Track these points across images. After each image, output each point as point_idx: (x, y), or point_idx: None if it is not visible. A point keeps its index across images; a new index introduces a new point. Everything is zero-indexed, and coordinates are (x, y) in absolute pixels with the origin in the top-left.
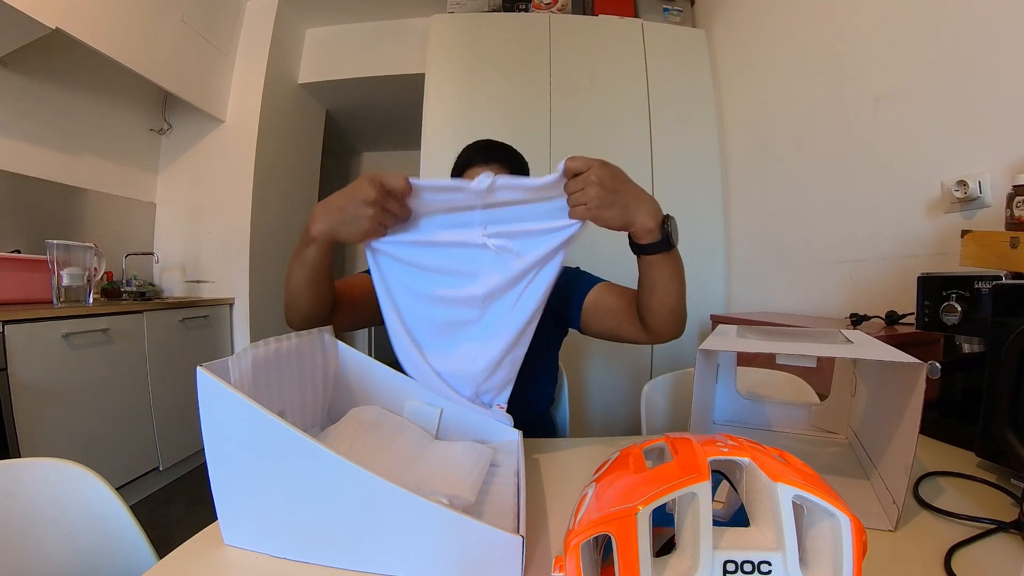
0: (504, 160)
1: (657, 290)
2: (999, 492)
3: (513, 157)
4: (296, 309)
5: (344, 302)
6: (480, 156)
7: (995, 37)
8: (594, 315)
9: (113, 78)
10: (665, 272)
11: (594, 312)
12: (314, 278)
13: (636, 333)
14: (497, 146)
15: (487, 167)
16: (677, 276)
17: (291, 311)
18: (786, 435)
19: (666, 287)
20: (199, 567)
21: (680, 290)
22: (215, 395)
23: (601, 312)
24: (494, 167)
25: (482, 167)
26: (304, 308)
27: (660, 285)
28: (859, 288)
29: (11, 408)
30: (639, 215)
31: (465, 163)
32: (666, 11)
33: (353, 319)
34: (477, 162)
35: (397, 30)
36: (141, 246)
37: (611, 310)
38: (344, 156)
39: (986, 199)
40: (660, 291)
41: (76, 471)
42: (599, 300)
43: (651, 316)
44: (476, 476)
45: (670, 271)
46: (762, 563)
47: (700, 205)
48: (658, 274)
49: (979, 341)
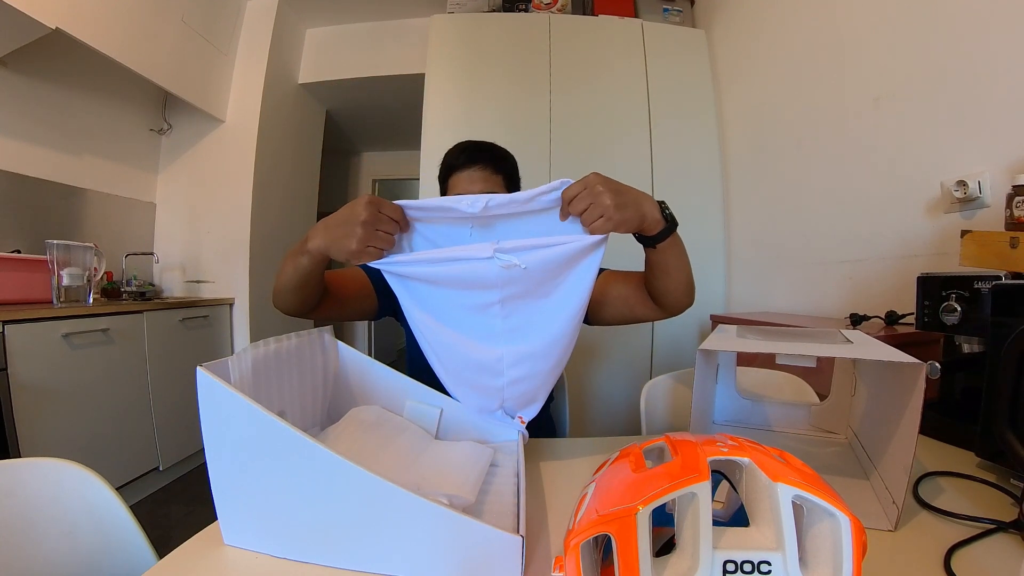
0: (487, 162)
1: (671, 272)
2: (999, 492)
3: (498, 158)
4: (282, 301)
5: (332, 294)
6: (463, 159)
7: (995, 37)
8: (604, 305)
9: (113, 78)
10: (675, 253)
11: (604, 302)
12: (302, 284)
13: (650, 313)
14: (479, 147)
15: (470, 169)
16: (684, 253)
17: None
18: (786, 435)
19: (678, 267)
20: (199, 567)
21: (688, 265)
22: (215, 395)
23: (612, 300)
24: (477, 169)
25: (466, 170)
26: (289, 304)
27: (673, 266)
28: (859, 288)
29: (11, 408)
30: (647, 208)
31: (449, 167)
32: (666, 11)
33: (340, 312)
34: (460, 165)
35: (397, 30)
36: (141, 246)
37: (622, 297)
38: (344, 156)
39: (986, 199)
40: (674, 272)
41: (76, 471)
42: (607, 290)
43: (666, 296)
44: (476, 476)
45: (678, 251)
46: (762, 563)
47: (700, 205)
48: (670, 257)
49: (979, 341)
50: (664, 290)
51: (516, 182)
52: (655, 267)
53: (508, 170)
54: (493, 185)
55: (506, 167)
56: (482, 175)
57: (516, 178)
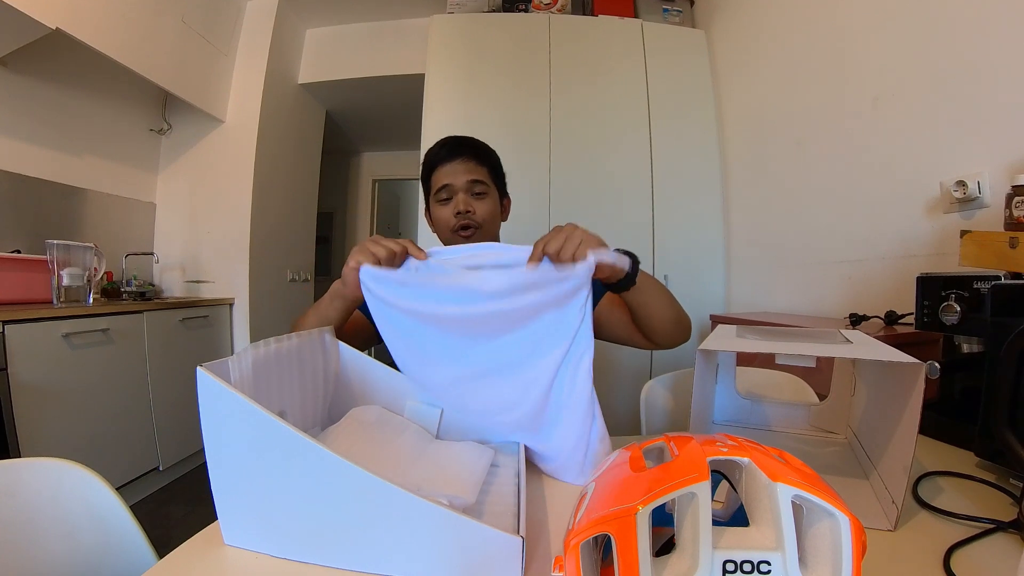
0: (470, 155)
1: (652, 309)
2: (998, 492)
3: (480, 152)
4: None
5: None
6: (445, 152)
7: (995, 37)
8: (605, 324)
9: (113, 78)
10: (647, 292)
11: (605, 322)
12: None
13: (646, 344)
14: (460, 141)
15: (454, 163)
16: (659, 292)
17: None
18: (785, 435)
19: (655, 303)
20: (199, 567)
21: (668, 302)
22: (215, 395)
23: (614, 323)
24: (460, 162)
25: (449, 163)
26: None
27: (652, 303)
28: (858, 288)
29: (11, 408)
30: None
31: (432, 162)
32: (666, 11)
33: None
34: (444, 159)
35: (397, 30)
36: (141, 246)
37: (624, 322)
38: (344, 156)
39: (985, 199)
40: (654, 309)
41: (76, 471)
42: (611, 310)
43: (654, 333)
44: (476, 476)
45: (652, 290)
46: (761, 563)
47: (699, 205)
48: (647, 295)
49: (978, 341)
50: (650, 328)
51: (501, 176)
52: (635, 309)
53: (492, 162)
54: (479, 175)
55: (489, 159)
56: (465, 167)
57: (501, 171)
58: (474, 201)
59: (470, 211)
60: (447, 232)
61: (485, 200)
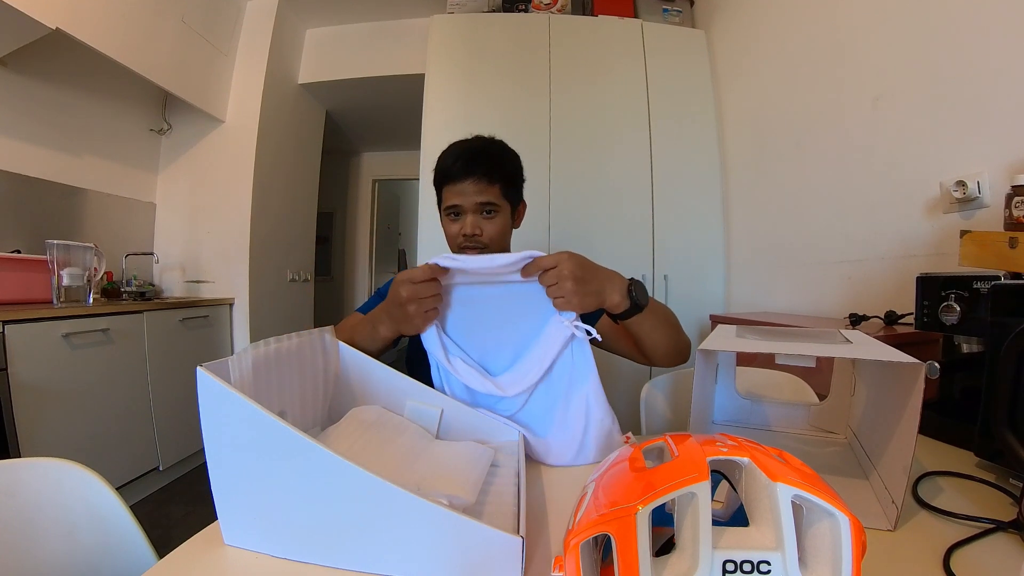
0: (483, 172)
1: (646, 340)
2: (998, 492)
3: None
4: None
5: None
6: (459, 167)
7: (994, 37)
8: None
9: (113, 78)
10: (646, 325)
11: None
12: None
13: (645, 361)
14: (474, 154)
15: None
16: (659, 325)
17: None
18: (785, 435)
19: (651, 336)
20: (199, 567)
21: (668, 333)
22: (215, 395)
23: (612, 339)
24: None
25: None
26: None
27: (646, 336)
28: (858, 288)
29: (11, 408)
30: (607, 294)
31: (444, 174)
32: (666, 11)
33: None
34: (456, 176)
35: (397, 30)
36: (141, 246)
37: (622, 339)
38: (344, 156)
39: (985, 199)
40: (648, 341)
41: (76, 471)
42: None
43: (650, 355)
44: (476, 476)
45: (650, 323)
46: (761, 563)
47: (699, 205)
48: (642, 329)
49: (978, 341)
50: (647, 353)
51: (517, 185)
52: (635, 336)
53: (506, 175)
54: (490, 196)
55: (503, 172)
56: (476, 188)
57: (517, 180)
58: (483, 221)
59: (477, 234)
60: (455, 246)
61: (495, 220)
